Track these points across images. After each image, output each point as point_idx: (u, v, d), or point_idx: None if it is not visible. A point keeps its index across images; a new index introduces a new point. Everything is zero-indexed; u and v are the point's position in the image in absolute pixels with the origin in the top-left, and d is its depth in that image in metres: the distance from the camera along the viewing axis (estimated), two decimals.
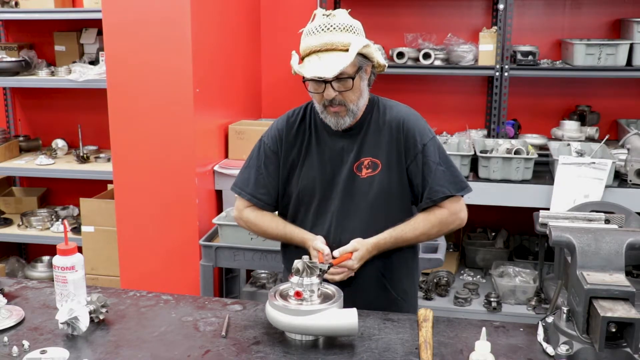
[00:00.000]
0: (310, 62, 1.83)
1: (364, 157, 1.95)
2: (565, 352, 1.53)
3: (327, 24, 1.82)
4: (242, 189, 2.06)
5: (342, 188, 1.96)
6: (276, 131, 2.04)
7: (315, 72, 1.80)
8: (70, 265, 1.81)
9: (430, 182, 1.93)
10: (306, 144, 2.00)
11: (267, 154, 2.04)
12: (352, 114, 1.90)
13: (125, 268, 3.29)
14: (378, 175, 1.94)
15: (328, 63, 1.79)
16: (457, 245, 3.92)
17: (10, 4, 3.96)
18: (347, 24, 1.84)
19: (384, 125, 1.97)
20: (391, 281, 2.02)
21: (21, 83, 4.00)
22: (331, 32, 1.81)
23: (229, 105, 3.62)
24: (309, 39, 1.84)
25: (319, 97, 1.88)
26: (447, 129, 3.78)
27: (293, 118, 2.04)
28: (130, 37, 3.08)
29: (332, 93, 1.83)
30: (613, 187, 3.06)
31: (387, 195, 1.95)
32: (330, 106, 1.87)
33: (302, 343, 1.65)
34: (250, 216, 2.07)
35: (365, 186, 1.94)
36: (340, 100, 1.86)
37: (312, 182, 1.98)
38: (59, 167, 3.90)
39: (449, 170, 1.95)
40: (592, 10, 3.76)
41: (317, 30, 1.82)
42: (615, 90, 3.83)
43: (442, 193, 1.93)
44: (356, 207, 1.95)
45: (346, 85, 1.84)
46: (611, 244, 1.56)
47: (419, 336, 1.66)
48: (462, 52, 3.61)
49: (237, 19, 3.71)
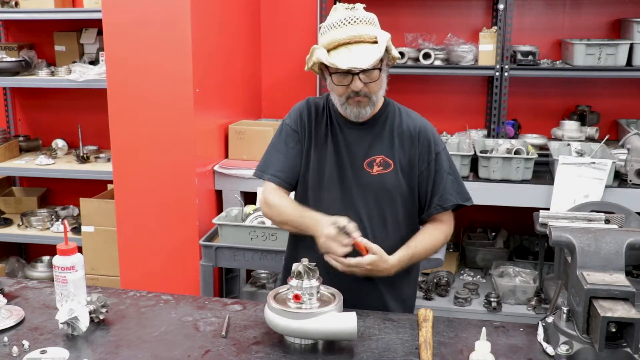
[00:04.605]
0: (339, 54, 1.83)
1: (376, 154, 1.96)
2: (565, 352, 1.53)
3: (352, 17, 1.84)
4: (263, 171, 2.03)
5: (350, 181, 1.96)
6: (297, 111, 2.05)
7: (350, 63, 1.80)
8: (70, 265, 1.81)
9: (441, 189, 1.98)
10: (323, 131, 2.00)
11: (288, 132, 2.03)
12: (373, 104, 1.92)
13: (125, 268, 3.29)
14: (389, 174, 1.96)
15: (360, 54, 1.80)
16: (457, 245, 3.92)
17: (10, 4, 3.96)
18: (370, 17, 1.88)
19: (402, 129, 1.99)
20: (392, 292, 2.02)
21: (21, 83, 4.00)
22: (358, 24, 1.83)
23: (229, 105, 3.62)
24: (334, 32, 1.84)
25: (343, 89, 1.87)
26: (447, 129, 3.77)
27: (314, 103, 2.05)
28: (130, 37, 3.08)
29: (359, 85, 1.84)
30: (613, 187, 3.06)
31: (395, 194, 1.97)
32: (355, 97, 1.88)
33: (302, 344, 1.64)
34: (272, 199, 1.98)
35: (374, 183, 1.96)
36: (366, 92, 1.87)
37: (323, 170, 1.99)
38: (59, 167, 3.90)
39: (457, 180, 2.02)
40: (592, 10, 3.76)
41: (343, 23, 1.83)
42: (615, 90, 3.83)
43: (451, 201, 1.98)
44: (362, 201, 1.96)
45: (372, 76, 1.85)
46: (611, 244, 1.56)
47: (419, 336, 1.66)
48: (462, 52, 3.61)
49: (237, 19, 3.71)
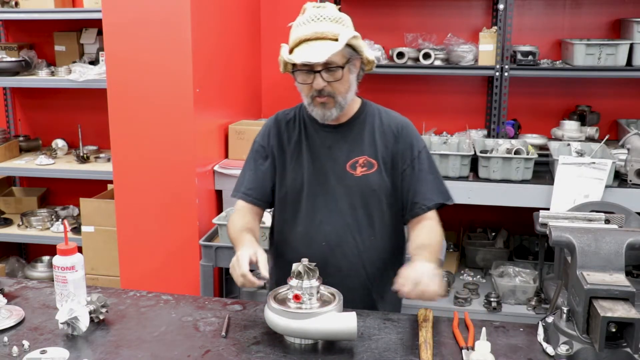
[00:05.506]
0: (300, 50, 1.83)
1: (359, 155, 1.95)
2: (565, 352, 1.53)
3: (317, 14, 1.84)
4: (236, 190, 2.07)
5: (334, 185, 1.95)
6: (266, 128, 2.08)
7: (305, 57, 1.79)
8: (70, 265, 1.81)
9: (424, 189, 1.96)
10: (295, 140, 2.00)
11: (257, 150, 2.06)
12: (340, 106, 1.90)
13: (125, 268, 3.29)
14: (373, 174, 1.95)
15: (318, 50, 1.79)
16: (457, 245, 3.92)
17: (10, 4, 3.96)
18: (337, 16, 1.86)
19: (383, 128, 1.98)
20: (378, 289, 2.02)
21: (21, 83, 4.00)
22: (321, 22, 1.83)
23: (229, 105, 3.62)
24: (299, 29, 1.85)
25: (308, 88, 1.87)
26: (447, 129, 3.78)
27: (282, 115, 2.07)
28: (130, 37, 3.08)
29: (321, 83, 1.83)
30: (613, 187, 3.06)
31: (381, 194, 1.96)
32: (318, 97, 1.86)
33: (302, 344, 1.64)
34: (232, 217, 2.02)
35: (360, 184, 1.94)
36: (330, 91, 1.85)
37: (300, 179, 1.98)
38: (59, 167, 3.90)
39: (438, 179, 2.01)
40: (592, 10, 3.76)
41: (308, 20, 1.84)
42: (615, 90, 3.83)
43: (434, 200, 1.97)
44: (347, 205, 1.95)
45: (335, 75, 1.84)
46: (611, 244, 1.56)
47: (419, 336, 1.66)
48: (462, 52, 3.61)
49: (237, 19, 3.71)
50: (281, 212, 2.05)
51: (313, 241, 1.96)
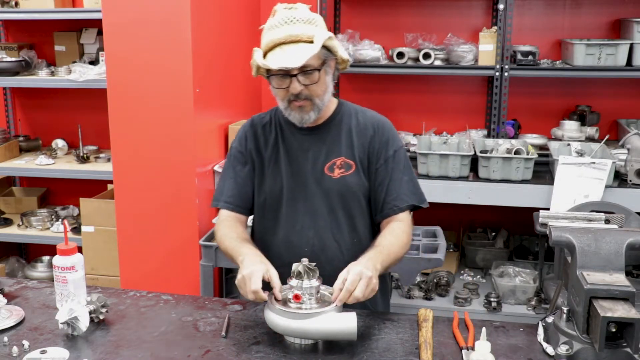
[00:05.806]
0: (274, 55, 1.80)
1: (336, 157, 1.93)
2: (565, 352, 1.53)
3: (290, 17, 1.80)
4: (217, 199, 2.03)
5: (313, 189, 1.92)
6: (242, 132, 2.04)
7: (281, 63, 1.76)
8: (70, 265, 1.81)
9: (397, 189, 1.92)
10: (272, 144, 1.97)
11: (235, 155, 2.02)
12: (318, 109, 1.87)
13: (125, 268, 3.29)
14: (351, 175, 1.92)
15: (293, 54, 1.76)
16: (457, 245, 3.92)
17: (10, 4, 3.96)
18: (310, 17, 1.82)
19: (359, 127, 1.95)
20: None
21: (21, 83, 4.00)
22: (294, 24, 1.79)
23: (229, 105, 3.61)
24: (272, 32, 1.82)
25: (284, 92, 1.84)
26: (447, 129, 3.78)
27: (258, 119, 2.05)
28: (130, 37, 3.08)
29: (298, 87, 1.80)
30: (613, 187, 3.06)
31: (360, 195, 1.93)
32: (295, 101, 1.83)
33: (302, 344, 1.64)
34: (218, 228, 1.95)
35: (338, 186, 1.91)
36: (307, 94, 1.82)
37: (280, 183, 1.95)
38: (59, 167, 3.90)
39: (412, 181, 1.96)
40: (592, 10, 3.76)
41: (280, 23, 1.80)
42: (615, 90, 3.83)
43: (407, 202, 1.92)
44: (327, 208, 1.92)
45: (312, 78, 1.81)
46: (611, 244, 1.56)
47: (419, 336, 1.66)
48: (462, 52, 3.61)
49: (237, 19, 3.71)
50: (261, 218, 2.01)
51: (296, 247, 1.92)
